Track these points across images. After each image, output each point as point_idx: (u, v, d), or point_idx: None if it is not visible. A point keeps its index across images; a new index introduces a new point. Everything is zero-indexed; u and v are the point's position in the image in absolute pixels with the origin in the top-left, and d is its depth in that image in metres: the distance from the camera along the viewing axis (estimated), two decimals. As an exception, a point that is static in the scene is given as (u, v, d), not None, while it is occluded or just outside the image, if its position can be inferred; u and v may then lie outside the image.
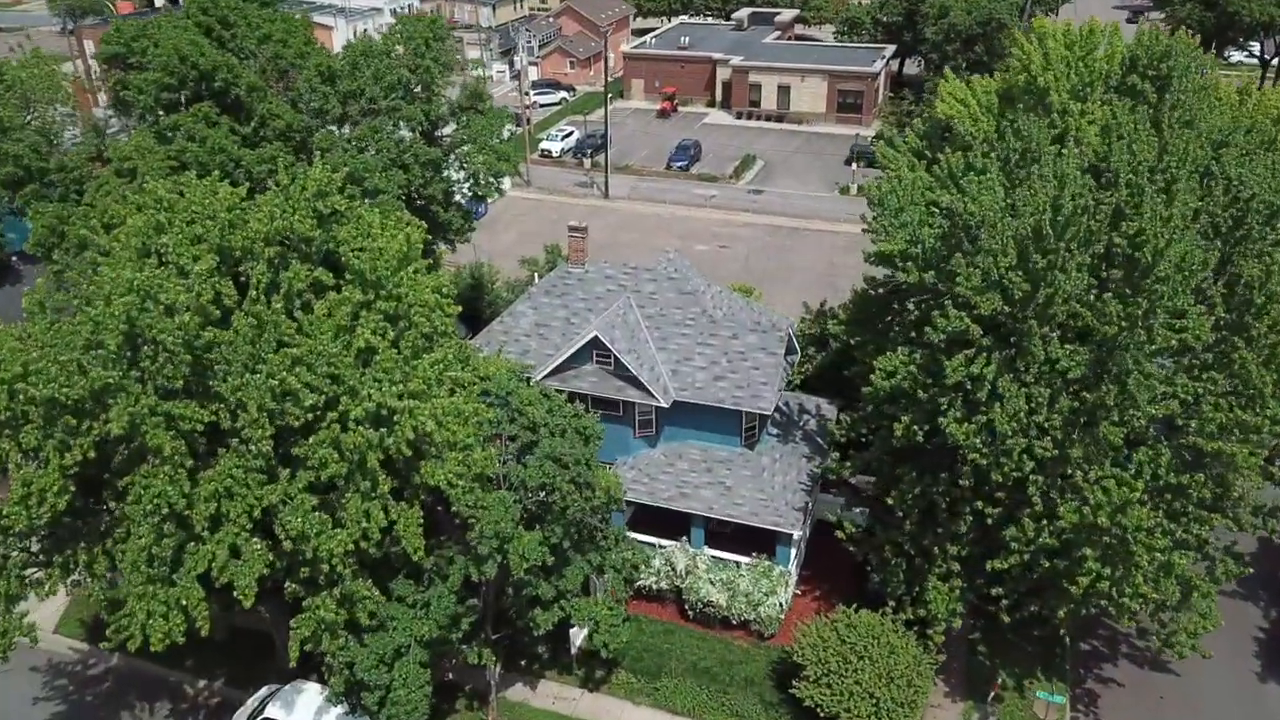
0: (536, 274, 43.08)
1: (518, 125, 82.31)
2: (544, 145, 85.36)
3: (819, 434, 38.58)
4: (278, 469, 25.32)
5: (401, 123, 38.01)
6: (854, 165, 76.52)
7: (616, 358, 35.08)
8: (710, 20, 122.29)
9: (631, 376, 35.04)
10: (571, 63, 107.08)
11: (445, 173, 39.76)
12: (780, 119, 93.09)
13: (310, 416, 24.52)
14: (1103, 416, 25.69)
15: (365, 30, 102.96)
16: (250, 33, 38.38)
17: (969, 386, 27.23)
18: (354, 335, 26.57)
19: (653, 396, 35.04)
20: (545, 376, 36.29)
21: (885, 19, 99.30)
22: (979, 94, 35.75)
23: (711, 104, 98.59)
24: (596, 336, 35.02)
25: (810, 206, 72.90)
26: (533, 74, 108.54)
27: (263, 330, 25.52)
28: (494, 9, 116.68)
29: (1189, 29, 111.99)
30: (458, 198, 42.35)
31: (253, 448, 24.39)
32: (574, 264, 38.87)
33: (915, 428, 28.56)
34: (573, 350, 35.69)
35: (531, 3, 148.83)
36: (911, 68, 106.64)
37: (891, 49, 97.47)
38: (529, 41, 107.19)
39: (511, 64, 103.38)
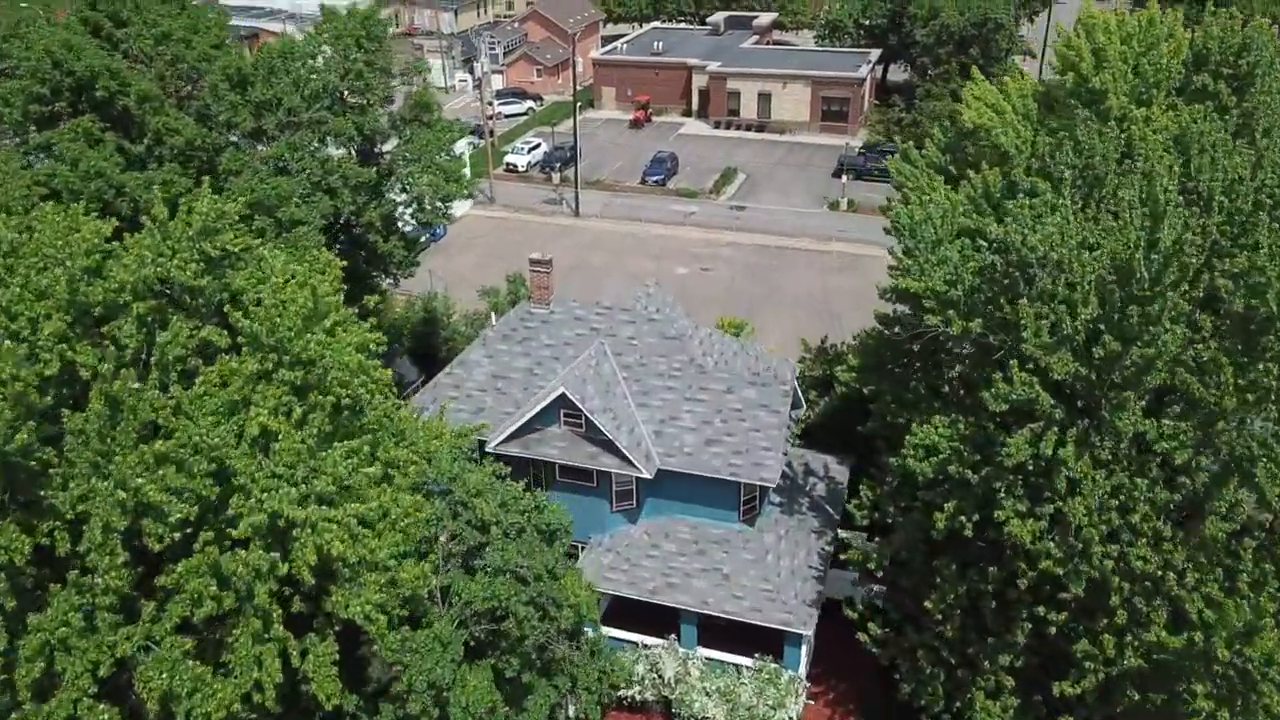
0: (494, 313, 36.99)
1: (480, 138, 76.24)
2: (509, 159, 79.27)
3: (829, 501, 32.75)
4: (138, 601, 19.12)
5: (329, 138, 31.91)
6: (843, 178, 71.02)
7: (588, 419, 29.12)
8: (684, 25, 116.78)
9: (606, 441, 29.07)
10: (538, 70, 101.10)
11: (386, 196, 33.70)
12: (761, 128, 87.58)
13: (177, 536, 18.37)
14: (1212, 511, 20.01)
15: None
16: (147, 31, 32.14)
17: (1030, 467, 21.53)
18: (247, 417, 20.46)
19: (632, 465, 29.08)
20: (503, 442, 30.25)
21: (869, 22, 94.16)
22: (1014, 98, 30.29)
23: (688, 113, 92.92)
24: (564, 394, 29.03)
25: (797, 223, 67.27)
26: (497, 83, 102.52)
27: (118, 417, 19.33)
28: (456, 15, 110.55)
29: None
30: (403, 224, 36.20)
31: (100, 581, 18.16)
32: (537, 303, 32.85)
33: (962, 518, 22.78)
34: (535, 410, 29.67)
35: (497, 8, 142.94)
36: (896, 73, 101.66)
37: (876, 54, 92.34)
38: (492, 48, 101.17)
39: (472, 72, 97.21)
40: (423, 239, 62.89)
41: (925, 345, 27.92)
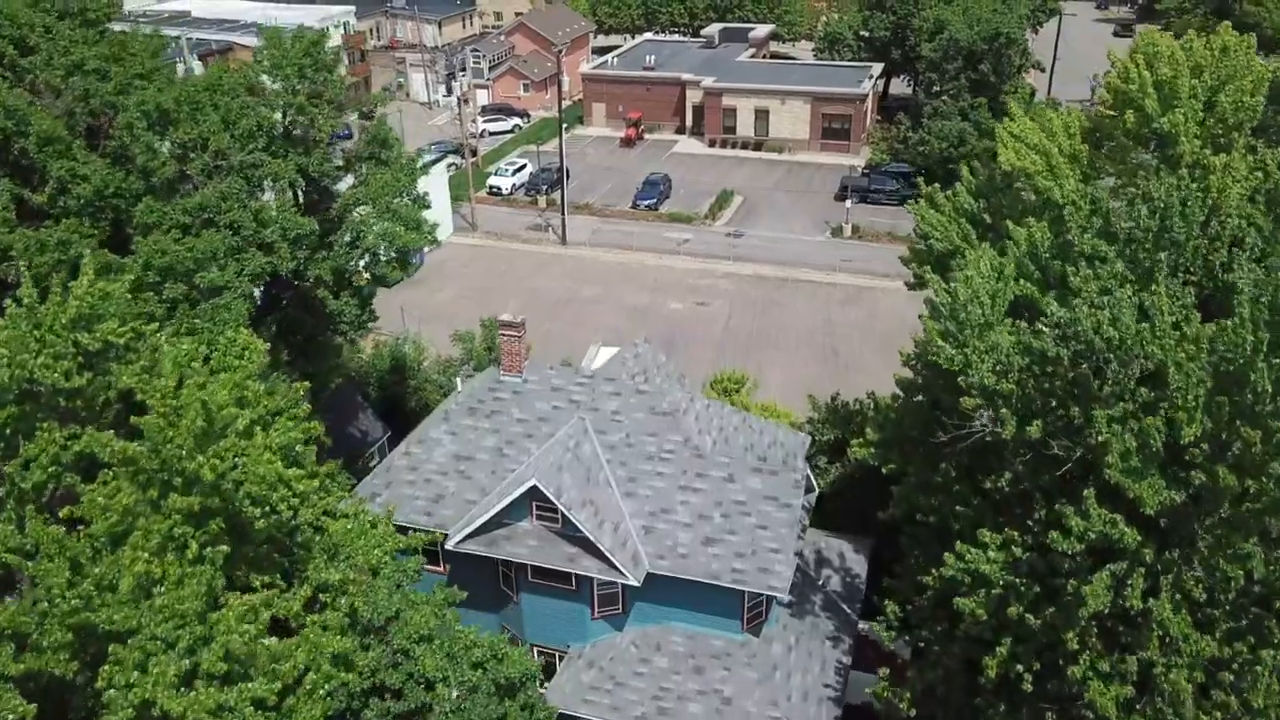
0: (459, 377, 32.61)
1: (462, 157, 71.94)
2: (492, 181, 74.93)
3: (846, 597, 28.44)
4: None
5: (267, 183, 27.62)
6: (847, 202, 66.75)
7: (565, 515, 24.80)
8: (677, 38, 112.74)
9: (586, 540, 24.75)
10: (525, 85, 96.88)
11: (335, 247, 29.36)
12: (758, 147, 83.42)
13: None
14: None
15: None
16: (58, 60, 27.81)
17: (1109, 610, 17.25)
18: (122, 562, 16.18)
19: (617, 570, 24.74)
20: (466, 538, 25.90)
21: (871, 34, 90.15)
22: (1060, 137, 26.08)
23: (681, 130, 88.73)
24: (536, 486, 24.71)
25: (799, 252, 62.99)
26: (482, 98, 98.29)
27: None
28: (440, 27, 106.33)
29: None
30: (368, 273, 31.74)
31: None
32: (508, 371, 28.49)
33: (1019, 666, 18.48)
34: (503, 504, 25.32)
35: (485, 19, 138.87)
36: (899, 85, 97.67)
37: (879, 68, 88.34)
38: (477, 62, 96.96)
39: (450, 91, 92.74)
40: (411, 258, 58.91)
41: (946, 412, 23.80)
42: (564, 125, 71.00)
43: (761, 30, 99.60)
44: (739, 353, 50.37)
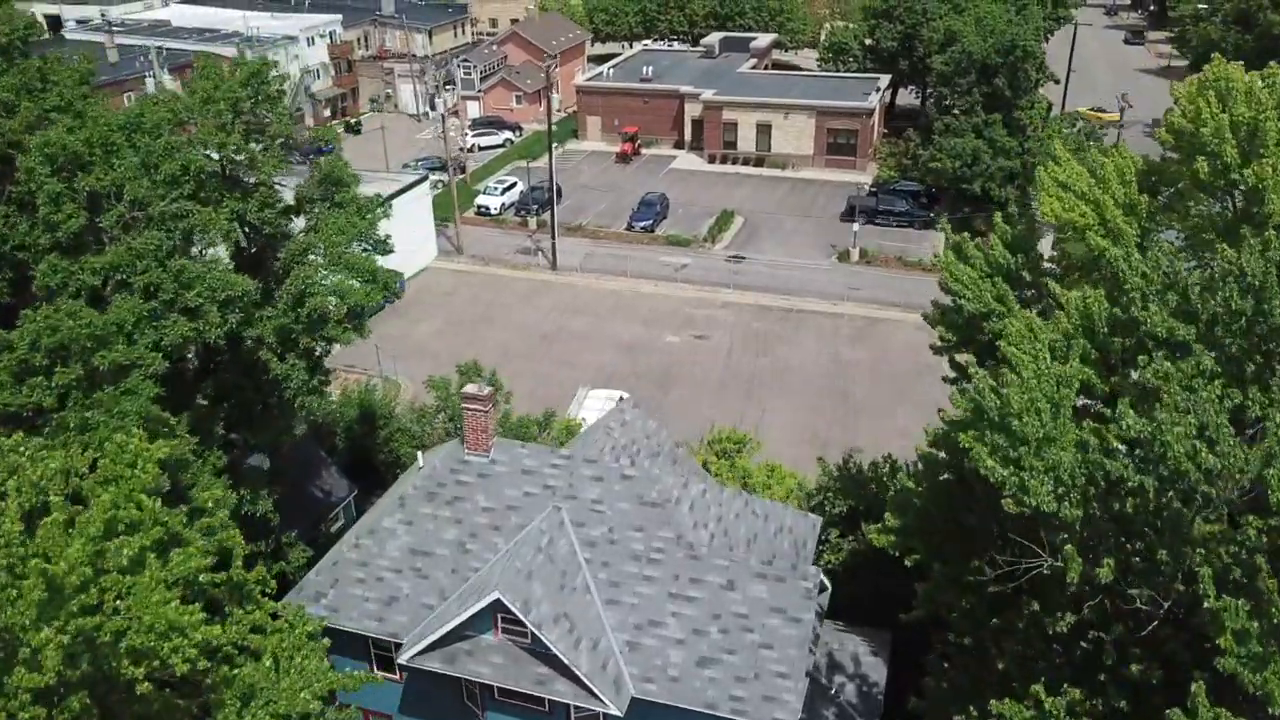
0: (420, 450, 28.84)
1: (450, 173, 68.16)
2: (480, 201, 71.22)
3: (864, 711, 24.68)
4: None
5: (196, 235, 23.95)
6: (855, 226, 62.91)
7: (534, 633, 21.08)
8: (677, 46, 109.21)
9: (558, 660, 21.03)
10: (518, 97, 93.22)
11: (279, 304, 25.66)
12: (760, 163, 79.73)
13: None
14: None
15: (278, 61, 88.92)
16: (-43, 93, 24.16)
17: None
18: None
19: (595, 696, 21.01)
20: (421, 653, 22.18)
21: (877, 43, 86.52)
22: (1113, 184, 22.34)
23: (680, 145, 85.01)
24: (499, 599, 21.00)
25: (803, 279, 59.23)
26: (473, 110, 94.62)
27: None
28: (430, 36, 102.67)
29: (1222, 53, 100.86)
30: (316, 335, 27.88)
31: None
32: (473, 449, 24.76)
33: None
34: (463, 618, 21.60)
35: (479, 25, 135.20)
36: (906, 94, 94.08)
37: (886, 79, 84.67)
38: (467, 73, 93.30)
39: (433, 106, 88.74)
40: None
41: (979, 500, 20.18)
42: (554, 143, 67.35)
43: (763, 40, 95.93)
44: (740, 395, 46.65)
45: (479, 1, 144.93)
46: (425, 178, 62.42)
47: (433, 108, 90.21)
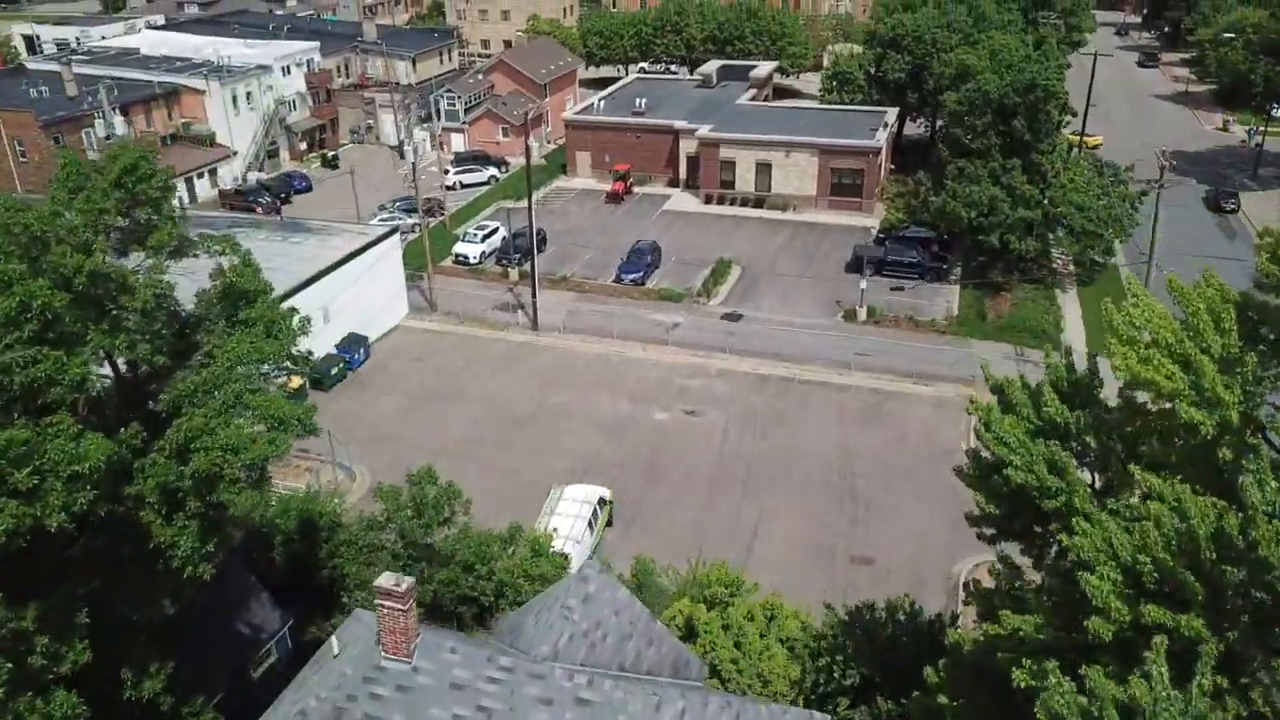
0: (334, 638, 23.69)
1: (421, 223, 63.13)
2: (459, 249, 66.19)
3: None
4: None
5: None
6: (862, 280, 57.79)
7: None
8: (674, 72, 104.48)
9: None
10: (504, 130, 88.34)
11: (161, 458, 20.65)
12: (760, 203, 74.76)
13: None
14: None
15: (250, 94, 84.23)
16: None
17: None
18: None
19: None
20: None
21: (884, 76, 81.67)
22: (1207, 331, 17.24)
23: (674, 183, 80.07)
24: None
25: (807, 344, 54.05)
26: (458, 143, 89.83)
27: None
28: (414, 63, 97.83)
29: (1250, 84, 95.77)
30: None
31: None
32: (392, 654, 19.61)
33: None
34: None
35: (471, 48, 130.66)
36: (914, 123, 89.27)
37: (893, 113, 79.78)
38: (451, 104, 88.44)
39: (402, 153, 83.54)
40: (333, 372, 50.30)
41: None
42: (543, 182, 62.32)
43: (763, 68, 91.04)
44: (735, 492, 41.47)
45: (470, 23, 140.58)
46: (395, 230, 57.37)
47: (404, 150, 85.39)
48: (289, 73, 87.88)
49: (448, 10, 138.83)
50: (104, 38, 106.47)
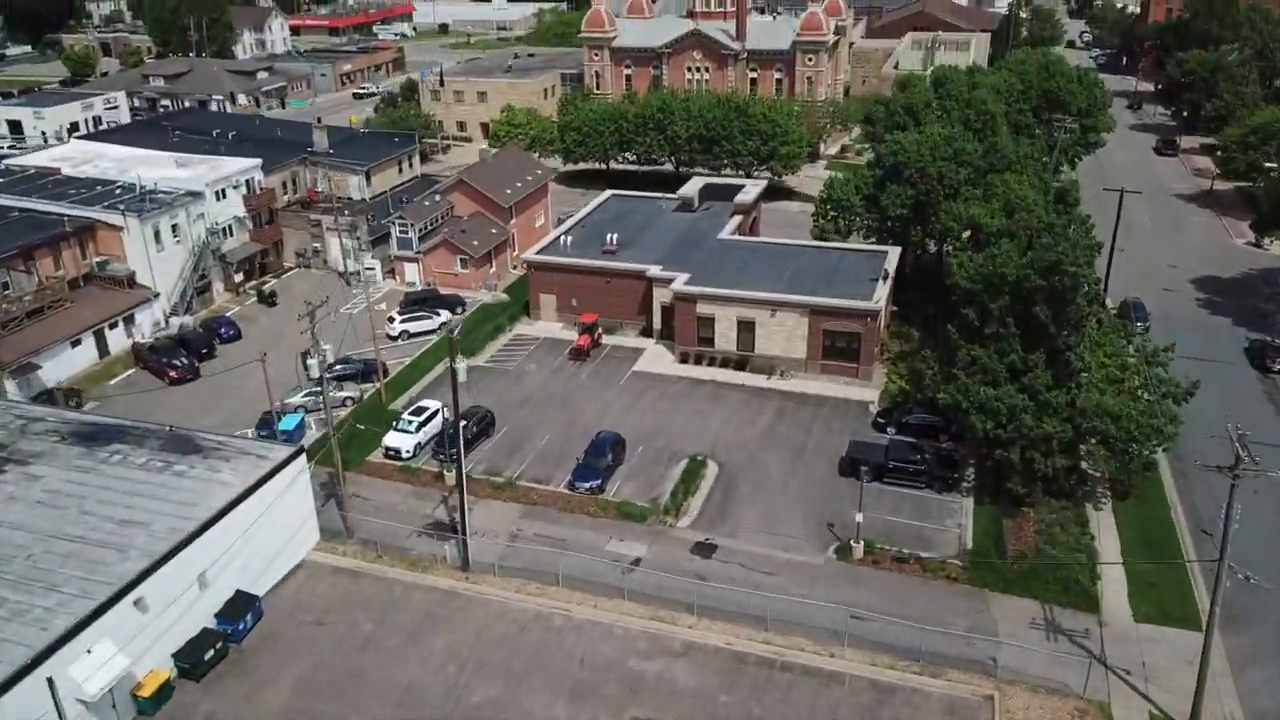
0: None
1: (368, 379, 53.52)
2: (390, 440, 56.92)
3: None
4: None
5: None
6: (859, 514, 48.18)
7: None
8: (650, 193, 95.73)
9: None
10: (463, 260, 79.59)
11: None
12: (742, 365, 65.76)
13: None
14: None
15: (177, 225, 75.49)
16: None
17: None
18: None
19: None
20: None
21: (885, 212, 72.90)
22: None
23: (648, 332, 71.14)
24: None
25: (793, 602, 44.27)
26: (410, 274, 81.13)
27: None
28: (368, 176, 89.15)
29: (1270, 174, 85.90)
30: None
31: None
32: None
33: None
34: None
35: (437, 159, 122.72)
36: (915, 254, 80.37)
37: (895, 254, 70.88)
38: (404, 231, 79.70)
39: (356, 269, 74.47)
40: (208, 656, 40.97)
41: None
42: (504, 325, 53.17)
43: (750, 191, 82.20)
44: None
45: (444, 105, 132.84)
46: (300, 451, 48.16)
47: (349, 279, 76.70)
48: (224, 197, 79.27)
49: (422, 97, 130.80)
50: (9, 165, 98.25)
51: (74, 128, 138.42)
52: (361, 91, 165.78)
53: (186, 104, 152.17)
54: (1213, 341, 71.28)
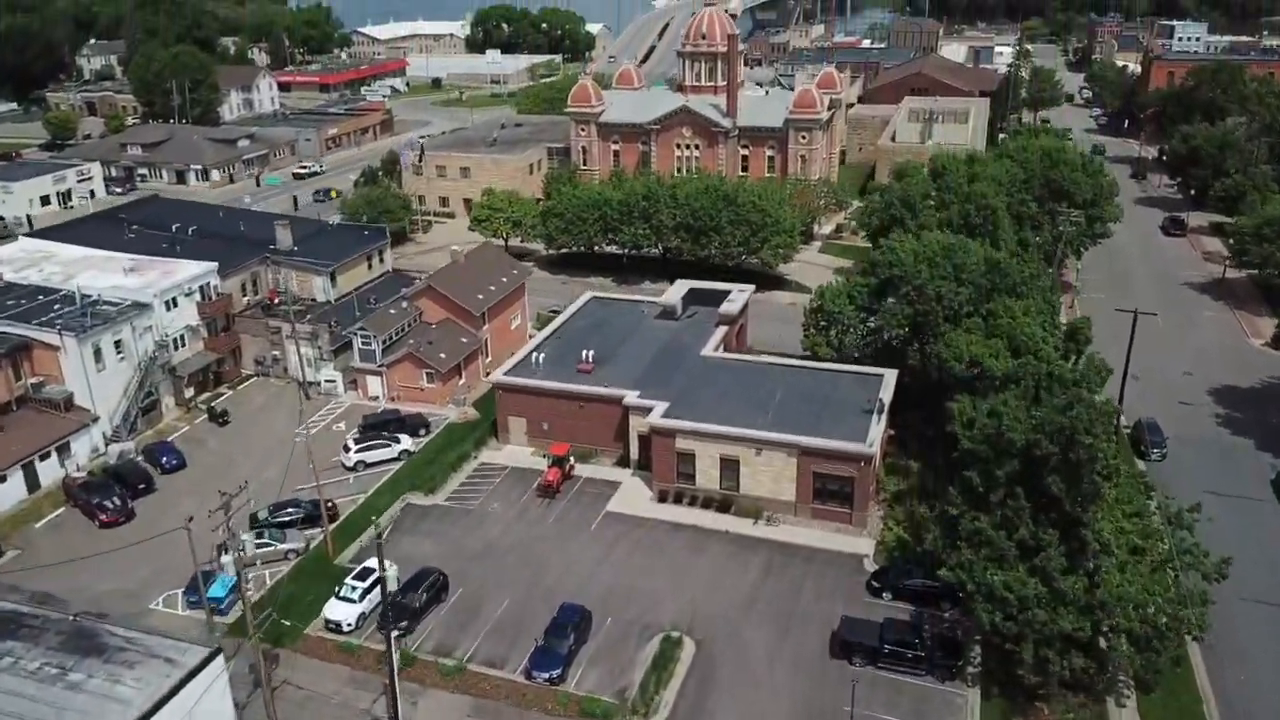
0: None
1: (314, 525, 48.12)
2: (330, 611, 51.06)
3: None
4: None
5: None
6: (853, 685, 42.62)
7: None
8: (633, 296, 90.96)
9: None
10: (429, 374, 74.41)
11: None
12: (726, 507, 60.27)
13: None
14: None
15: (120, 341, 70.39)
16: None
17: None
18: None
19: None
20: None
21: (880, 333, 67.80)
22: None
23: (624, 462, 65.73)
24: None
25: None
26: (374, 388, 75.89)
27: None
28: (333, 277, 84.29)
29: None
30: None
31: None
32: None
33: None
34: None
35: (410, 250, 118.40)
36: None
37: (892, 378, 65.52)
38: (366, 343, 74.62)
39: (313, 382, 69.10)
40: None
41: None
42: (458, 458, 47.68)
43: (736, 300, 77.04)
44: None
45: (426, 180, 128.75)
46: (217, 652, 42.46)
47: (308, 391, 71.16)
48: (175, 306, 74.28)
49: (405, 181, 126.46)
50: None
51: (44, 200, 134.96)
52: (303, 170, 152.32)
53: (163, 173, 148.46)
54: (1236, 470, 65.92)
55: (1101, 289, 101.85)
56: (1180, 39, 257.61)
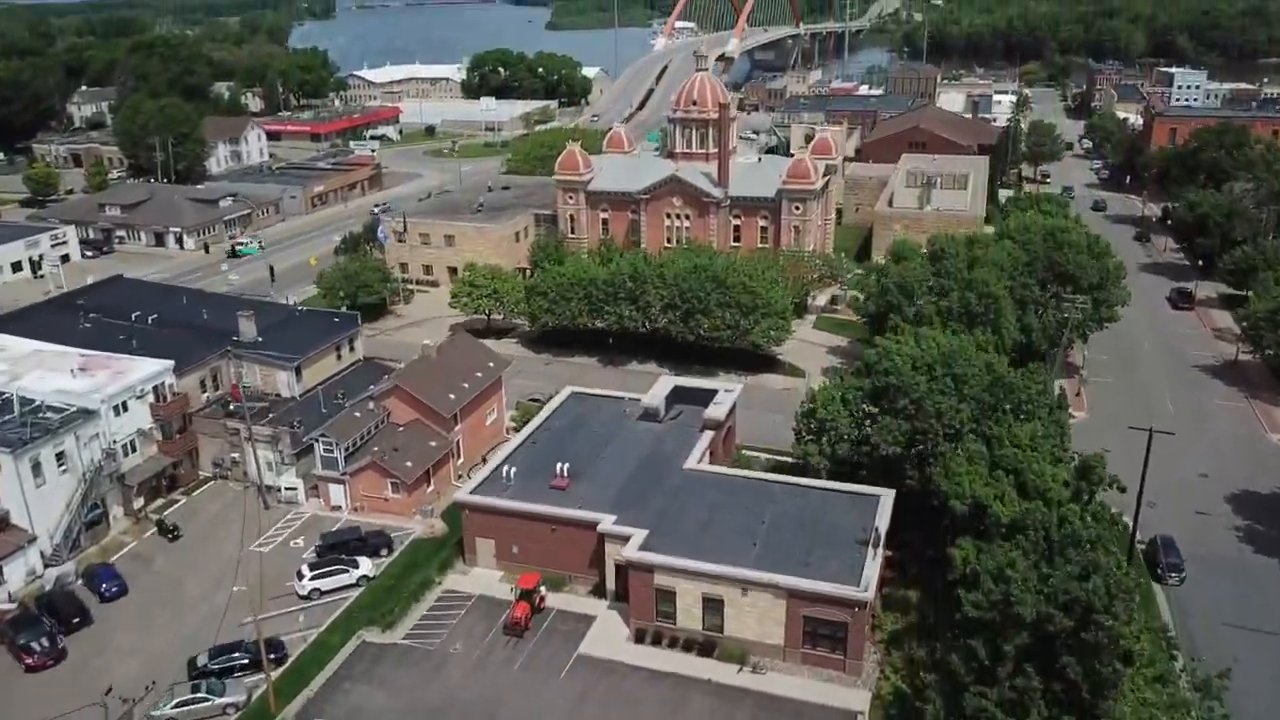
0: None
1: (259, 671, 43.30)
2: (265, 789, 46.48)
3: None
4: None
5: None
6: None
7: None
8: (615, 393, 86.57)
9: None
10: (394, 484, 69.70)
11: None
12: (709, 650, 55.36)
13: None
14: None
15: (63, 453, 65.76)
16: None
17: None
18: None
19: None
20: None
21: (875, 449, 63.14)
22: None
23: (600, 591, 60.84)
24: None
25: None
26: (336, 496, 71.16)
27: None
28: (298, 371, 79.94)
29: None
30: None
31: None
32: None
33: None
34: None
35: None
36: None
37: (889, 499, 60.81)
38: (329, 449, 69.96)
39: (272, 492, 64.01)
40: None
41: None
42: (419, 585, 42.77)
43: (723, 404, 72.38)
44: None
45: (409, 249, 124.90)
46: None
47: (267, 500, 66.89)
48: (125, 410, 69.79)
49: (388, 254, 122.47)
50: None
51: (15, 267, 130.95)
52: (244, 243, 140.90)
53: (141, 235, 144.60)
54: (1260, 598, 61.02)
55: (1109, 371, 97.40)
56: (1180, 87, 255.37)
